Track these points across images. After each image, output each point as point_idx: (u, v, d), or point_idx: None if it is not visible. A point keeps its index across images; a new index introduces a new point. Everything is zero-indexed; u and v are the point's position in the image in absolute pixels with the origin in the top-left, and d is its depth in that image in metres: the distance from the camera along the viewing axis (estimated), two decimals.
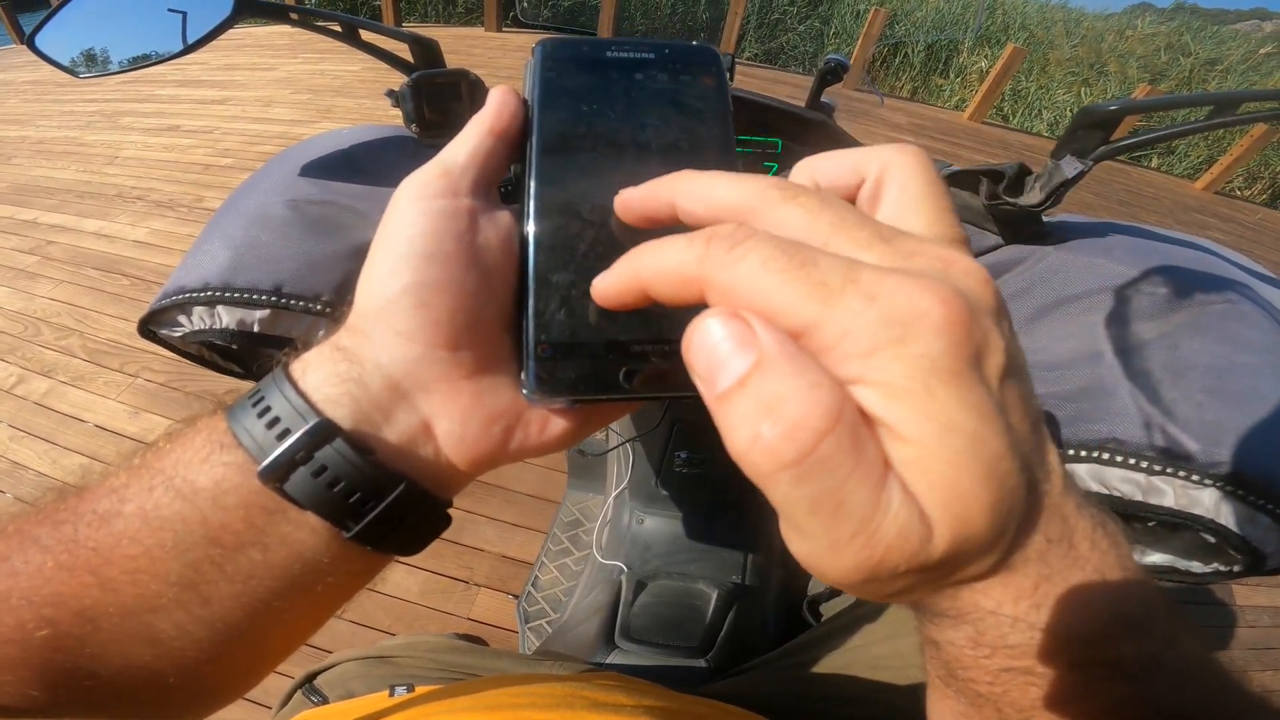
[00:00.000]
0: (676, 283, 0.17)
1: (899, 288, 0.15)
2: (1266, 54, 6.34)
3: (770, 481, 0.14)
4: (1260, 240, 3.52)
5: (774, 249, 0.15)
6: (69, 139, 3.07)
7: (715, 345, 0.15)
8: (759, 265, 0.15)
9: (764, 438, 0.14)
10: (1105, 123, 0.43)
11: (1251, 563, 0.38)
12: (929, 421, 0.14)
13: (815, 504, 0.14)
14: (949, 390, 0.14)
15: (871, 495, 0.14)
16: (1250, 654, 1.40)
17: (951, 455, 0.14)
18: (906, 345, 0.14)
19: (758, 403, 0.14)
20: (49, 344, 1.86)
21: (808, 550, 0.16)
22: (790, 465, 0.14)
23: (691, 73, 0.25)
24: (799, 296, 0.15)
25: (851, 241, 0.16)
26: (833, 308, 0.15)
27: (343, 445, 0.21)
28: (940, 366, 0.14)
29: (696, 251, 0.16)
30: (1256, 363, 0.39)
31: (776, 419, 0.14)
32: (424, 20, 5.44)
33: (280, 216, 0.46)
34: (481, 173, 0.24)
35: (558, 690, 0.37)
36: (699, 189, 0.19)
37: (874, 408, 0.15)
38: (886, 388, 0.14)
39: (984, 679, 0.18)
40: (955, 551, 0.15)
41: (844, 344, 0.15)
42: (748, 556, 0.92)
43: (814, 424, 0.14)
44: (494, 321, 0.23)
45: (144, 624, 0.22)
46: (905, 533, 0.14)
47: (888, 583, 0.15)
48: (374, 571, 0.25)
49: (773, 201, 0.17)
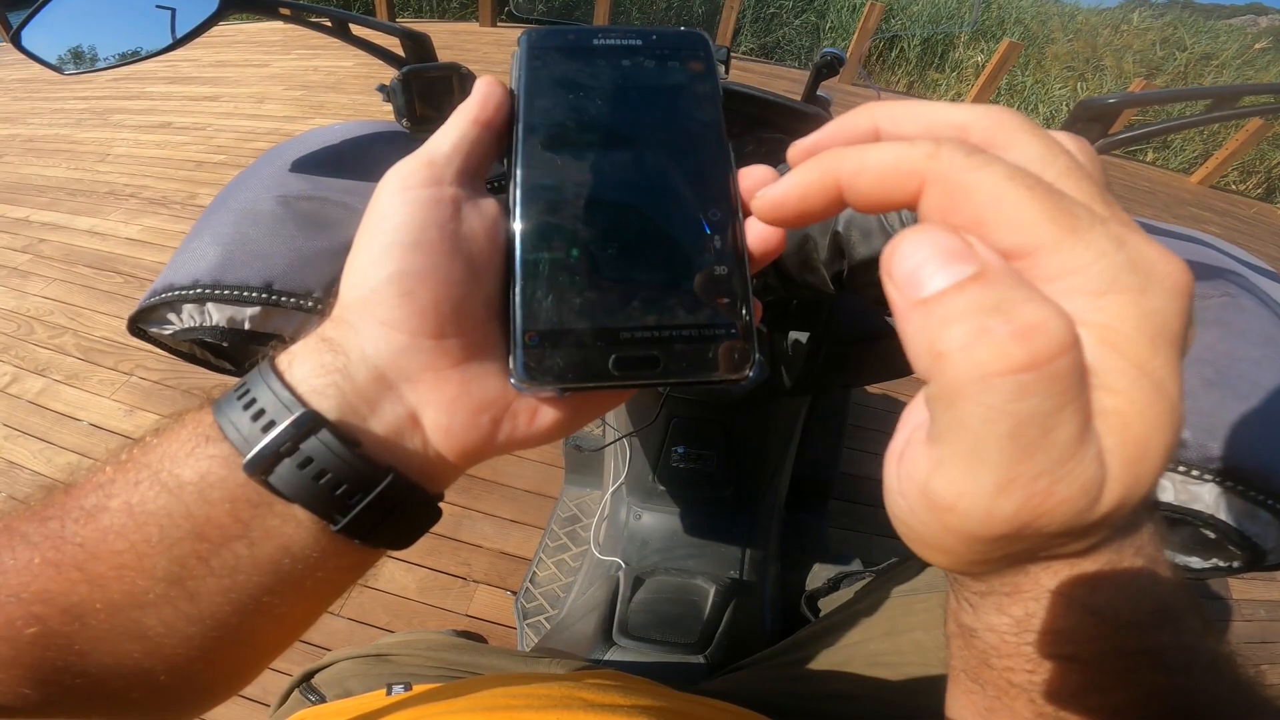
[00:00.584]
0: (890, 179, 0.16)
1: (1146, 243, 0.14)
2: (1261, 49, 6.35)
3: (982, 387, 0.13)
4: (1256, 234, 3.53)
5: (1017, 169, 0.14)
6: (60, 136, 3.04)
7: (928, 252, 0.14)
8: (1005, 175, 0.14)
9: (994, 333, 0.13)
10: (1103, 116, 0.43)
11: (1251, 558, 0.38)
12: (1144, 378, 0.13)
13: (1020, 427, 0.13)
14: (1170, 352, 0.14)
15: (1078, 436, 0.13)
16: (1247, 648, 1.40)
17: (1155, 417, 0.13)
18: (1146, 295, 0.13)
19: (984, 303, 0.13)
20: (42, 342, 1.84)
21: (968, 486, 0.14)
22: (1021, 369, 0.13)
23: (679, 58, 0.25)
24: (1043, 216, 0.14)
25: (1079, 191, 0.15)
26: (1078, 238, 0.14)
27: (328, 436, 0.21)
28: (1169, 328, 0.14)
29: (924, 148, 0.15)
30: (1256, 355, 0.39)
31: (1010, 318, 0.13)
32: (418, 15, 5.41)
33: (270, 213, 0.46)
34: (466, 162, 0.24)
35: (554, 691, 0.37)
36: (914, 110, 0.17)
37: (1085, 350, 0.13)
38: (1109, 333, 0.13)
39: (1023, 667, 0.18)
40: (1108, 518, 0.14)
41: (1076, 278, 0.14)
42: (745, 552, 0.92)
43: (1056, 332, 0.13)
44: (480, 310, 0.23)
45: (132, 620, 0.21)
46: (1087, 487, 0.13)
47: (1016, 543, 0.14)
48: (364, 566, 0.25)
49: (1010, 126, 0.16)
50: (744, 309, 0.22)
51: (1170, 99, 0.50)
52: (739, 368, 0.22)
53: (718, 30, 4.41)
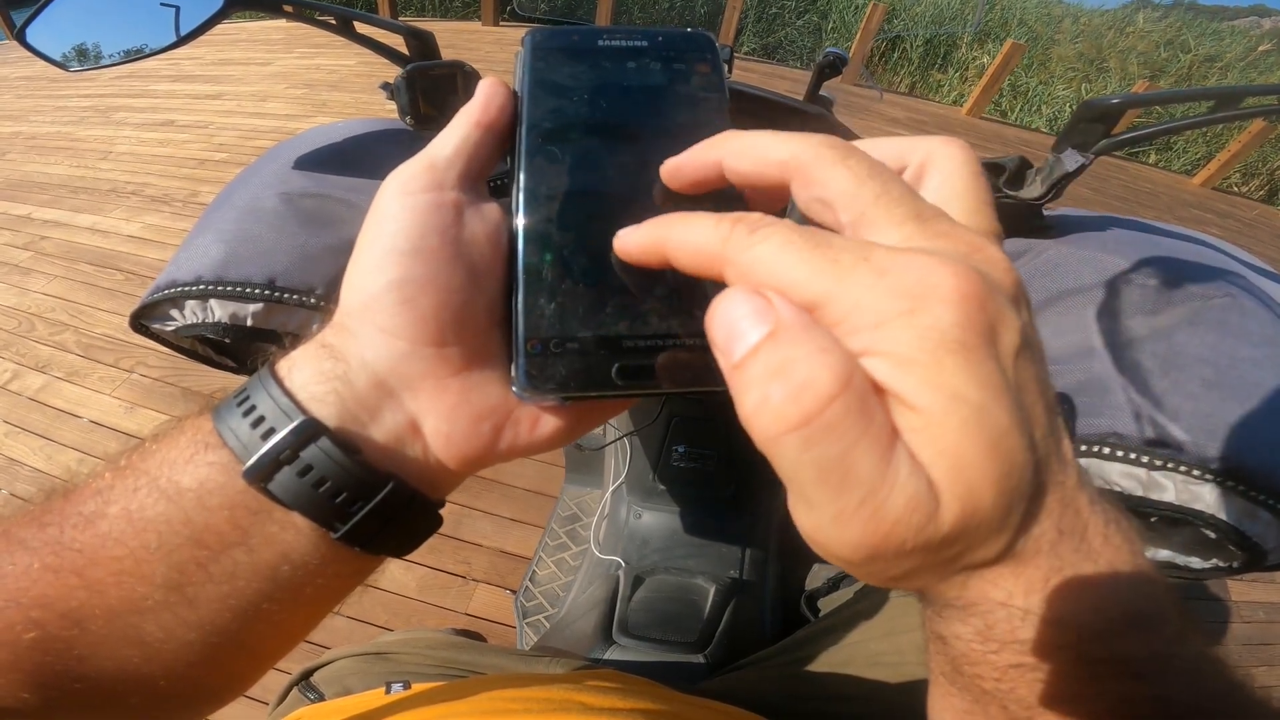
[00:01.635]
0: (698, 258, 0.18)
1: (910, 264, 0.15)
2: (1264, 51, 6.34)
3: (777, 445, 0.15)
4: (1257, 236, 3.53)
5: (792, 233, 0.16)
6: (62, 134, 3.05)
7: (735, 318, 0.16)
8: (777, 247, 0.16)
9: (771, 399, 0.14)
10: (1107, 116, 0.43)
11: (1251, 558, 0.38)
12: (935, 391, 0.14)
13: (822, 470, 0.14)
14: (956, 361, 0.14)
15: (880, 462, 0.14)
16: (1245, 650, 1.40)
17: (958, 424, 0.14)
18: (916, 316, 0.15)
19: (769, 367, 0.15)
20: (43, 339, 1.85)
21: (813, 522, 0.15)
22: (796, 427, 0.14)
23: (685, 60, 0.25)
24: (812, 272, 0.15)
25: (888, 215, 0.17)
26: (843, 282, 0.15)
27: (328, 444, 0.20)
28: (949, 338, 0.14)
29: (721, 232, 0.17)
30: (1257, 356, 0.39)
31: (785, 381, 0.14)
32: (421, 14, 5.41)
33: (274, 210, 0.46)
34: (468, 166, 0.23)
35: (553, 694, 0.37)
36: (747, 147, 0.19)
37: (883, 377, 0.15)
38: (895, 357, 0.15)
39: (991, 675, 0.18)
40: (963, 526, 0.15)
41: (854, 316, 0.15)
42: (745, 551, 0.92)
43: (821, 386, 0.14)
44: (482, 317, 0.23)
45: (131, 626, 0.21)
46: (913, 503, 0.14)
47: (894, 562, 0.15)
48: (364, 574, 0.24)
49: (824, 160, 0.18)
50: None
51: (1173, 100, 0.50)
52: None
53: (720, 30, 4.41)
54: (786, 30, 5.90)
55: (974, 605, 0.17)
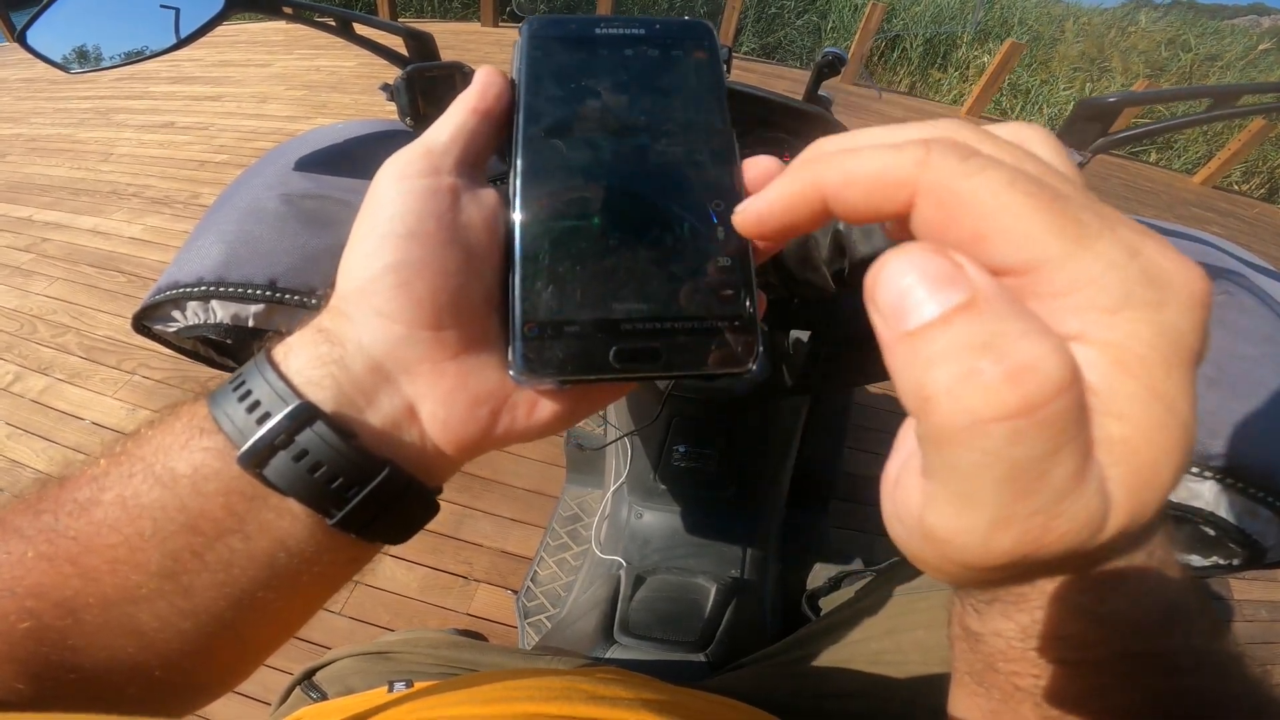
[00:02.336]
0: (877, 190, 0.14)
1: (1161, 250, 0.13)
2: (1264, 50, 6.33)
3: (970, 434, 0.12)
4: (1258, 235, 3.52)
5: (1019, 171, 0.13)
6: (63, 136, 3.05)
7: (914, 278, 0.13)
8: (1004, 181, 0.13)
9: (983, 375, 0.12)
10: (1104, 115, 0.43)
11: (1251, 556, 0.38)
12: (1156, 402, 0.12)
13: (1015, 471, 0.12)
14: (1183, 372, 0.12)
15: (1077, 473, 0.12)
16: (1248, 648, 1.39)
17: (1165, 442, 0.12)
18: (1162, 311, 0.12)
19: (971, 339, 0.12)
20: (45, 341, 1.85)
21: (964, 524, 0.13)
22: (1013, 415, 0.11)
23: (683, 48, 0.25)
24: (1048, 226, 0.12)
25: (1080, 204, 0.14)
26: (1086, 249, 0.12)
27: (324, 429, 0.20)
28: (1185, 345, 0.12)
29: (913, 154, 0.14)
30: (1256, 354, 0.39)
31: (1000, 357, 0.12)
32: (420, 15, 5.41)
33: (274, 211, 0.46)
34: (464, 152, 0.23)
35: (556, 684, 0.37)
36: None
37: (1094, 374, 0.12)
38: (1121, 353, 0.12)
39: (1029, 671, 0.17)
40: (1114, 542, 0.13)
41: (1086, 292, 0.12)
42: (746, 551, 0.92)
43: (1051, 372, 0.11)
44: (479, 301, 0.22)
45: (126, 615, 0.21)
46: (1088, 519, 0.12)
47: (1021, 572, 0.13)
48: (361, 562, 0.24)
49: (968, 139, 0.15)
50: (748, 301, 0.22)
51: (1169, 98, 0.50)
52: (742, 361, 0.22)
53: (719, 30, 4.41)
54: (786, 30, 5.89)
55: (1027, 600, 0.16)
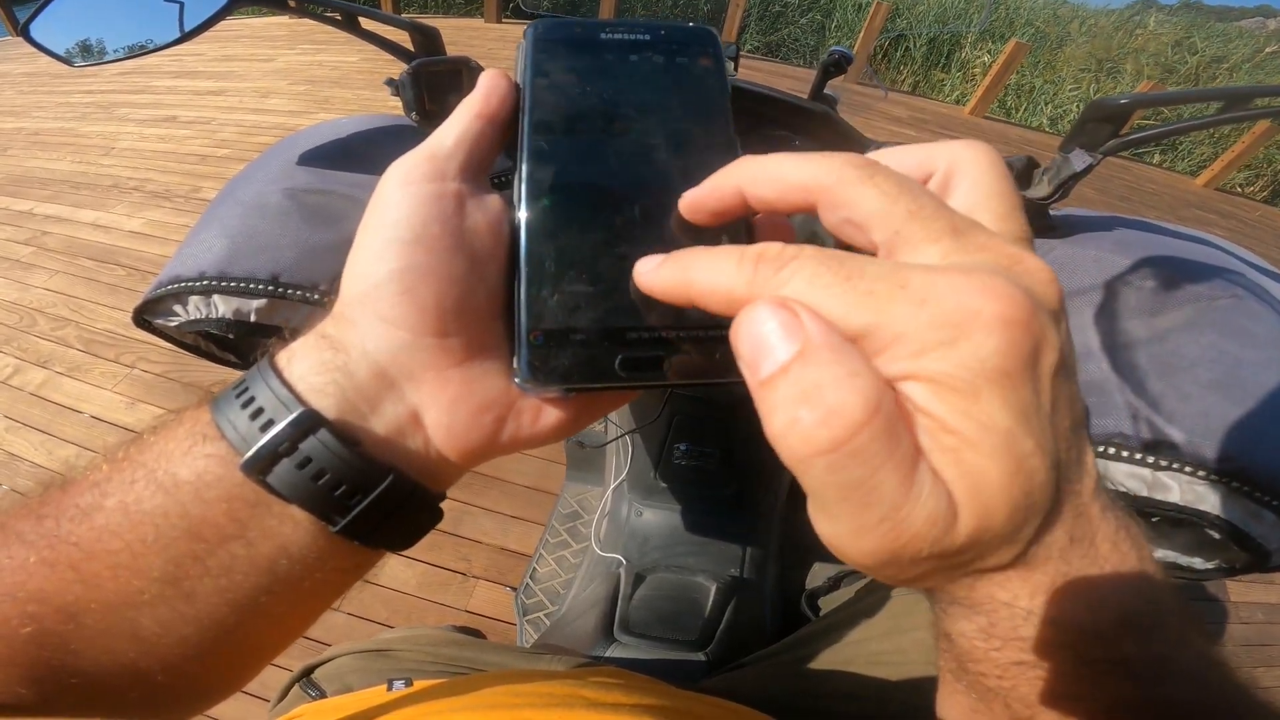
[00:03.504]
0: (725, 300, 0.17)
1: (951, 289, 0.15)
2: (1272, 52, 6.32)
3: (803, 466, 0.15)
4: (1260, 237, 3.52)
5: (819, 264, 0.16)
6: (65, 130, 3.04)
7: (763, 332, 0.15)
8: (806, 282, 0.16)
9: (801, 422, 0.14)
10: (1115, 116, 0.43)
11: (1254, 559, 0.38)
12: (970, 420, 0.15)
13: (846, 490, 0.15)
14: (994, 390, 0.15)
15: (902, 485, 0.14)
16: (1244, 651, 1.40)
17: (986, 449, 0.15)
18: (956, 346, 0.15)
19: (798, 389, 0.15)
20: (45, 334, 1.85)
21: (833, 532, 0.16)
22: (825, 452, 0.14)
23: (688, 54, 0.24)
24: (847, 306, 0.15)
25: (925, 231, 0.16)
26: (883, 314, 0.15)
27: (328, 436, 0.20)
28: (989, 366, 0.15)
29: (745, 274, 0.17)
30: (1261, 357, 0.39)
31: (814, 405, 0.14)
32: (423, 10, 5.40)
33: (277, 206, 0.46)
34: (469, 156, 0.23)
35: (556, 690, 0.37)
36: (768, 173, 0.19)
37: (921, 401, 0.15)
38: (934, 384, 0.15)
39: (994, 672, 0.18)
40: (975, 540, 0.15)
41: (896, 346, 0.15)
42: (746, 550, 0.92)
43: (851, 413, 0.14)
44: (484, 308, 0.22)
45: (127, 620, 0.21)
46: (931, 519, 0.15)
47: (907, 567, 0.16)
48: (364, 568, 0.24)
49: (849, 181, 0.17)
50: None
51: (1181, 100, 0.49)
52: None
53: (723, 28, 4.40)
54: (790, 29, 5.89)
55: (979, 604, 0.17)
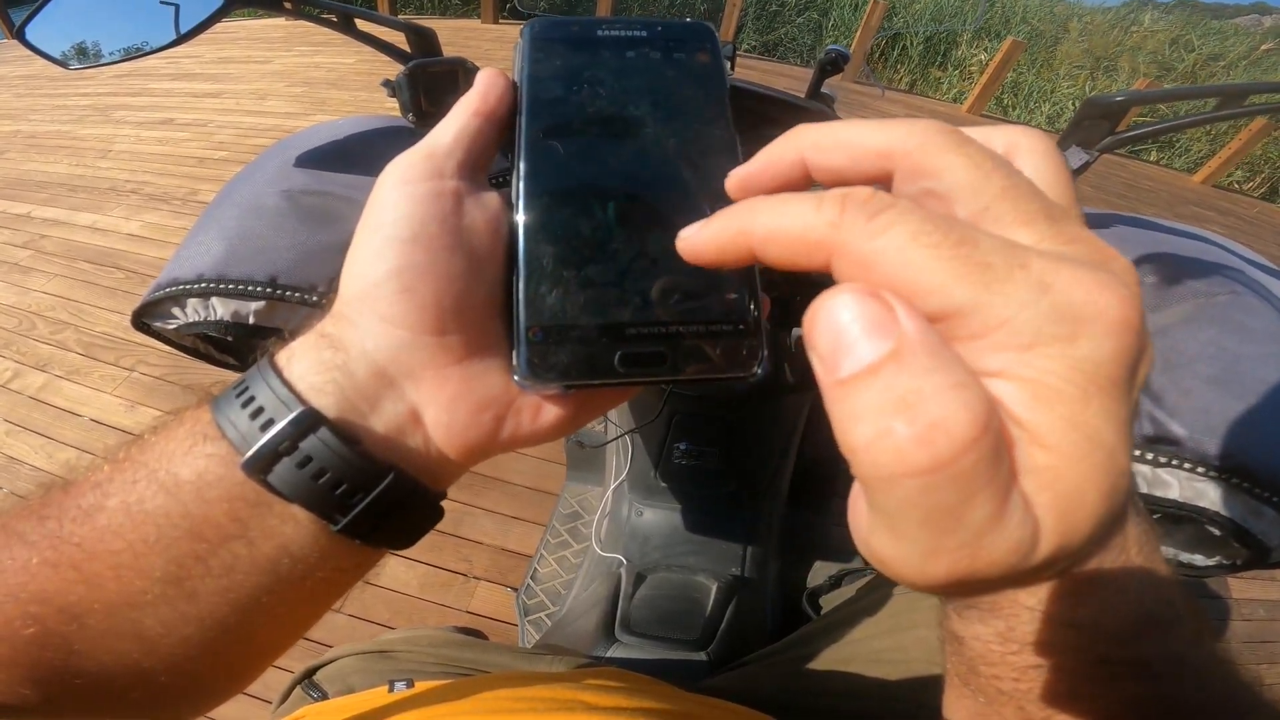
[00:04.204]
0: (798, 247, 0.15)
1: (1075, 280, 0.13)
2: (1267, 50, 6.32)
3: (887, 485, 0.13)
4: (1258, 234, 3.52)
5: (925, 220, 0.14)
6: (61, 133, 3.04)
7: (846, 324, 0.13)
8: (908, 237, 0.13)
9: (895, 435, 0.12)
10: (1111, 113, 0.43)
11: (1255, 555, 0.38)
12: (1075, 432, 0.13)
13: (932, 515, 0.13)
14: (1104, 400, 0.13)
15: (995, 512, 0.13)
16: (1245, 647, 1.40)
17: (1088, 468, 0.13)
18: (1074, 345, 0.13)
19: (891, 395, 0.12)
20: (44, 338, 1.84)
21: (897, 555, 0.14)
22: (921, 473, 0.12)
23: (685, 50, 0.24)
24: (954, 276, 0.13)
25: (1018, 212, 0.15)
26: (995, 293, 0.13)
27: (328, 435, 0.20)
28: (1103, 373, 0.13)
29: (828, 215, 0.14)
30: (1261, 353, 0.39)
31: (914, 416, 0.12)
32: (420, 12, 5.40)
33: (275, 207, 0.46)
34: (467, 155, 0.23)
35: (557, 694, 0.37)
36: (837, 137, 0.17)
37: (1017, 407, 0.13)
38: (1039, 388, 0.13)
39: (1009, 675, 0.18)
40: (1050, 562, 0.14)
41: (1000, 333, 0.13)
42: (747, 549, 0.92)
43: (959, 431, 0.12)
44: (483, 306, 0.22)
45: (130, 621, 0.21)
46: (1016, 548, 0.13)
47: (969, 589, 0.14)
48: (366, 567, 0.24)
49: (937, 147, 0.15)
50: (752, 304, 0.22)
51: (1177, 97, 0.50)
52: (747, 364, 0.21)
53: (720, 27, 4.41)
54: (787, 27, 5.88)
55: (1001, 609, 0.17)
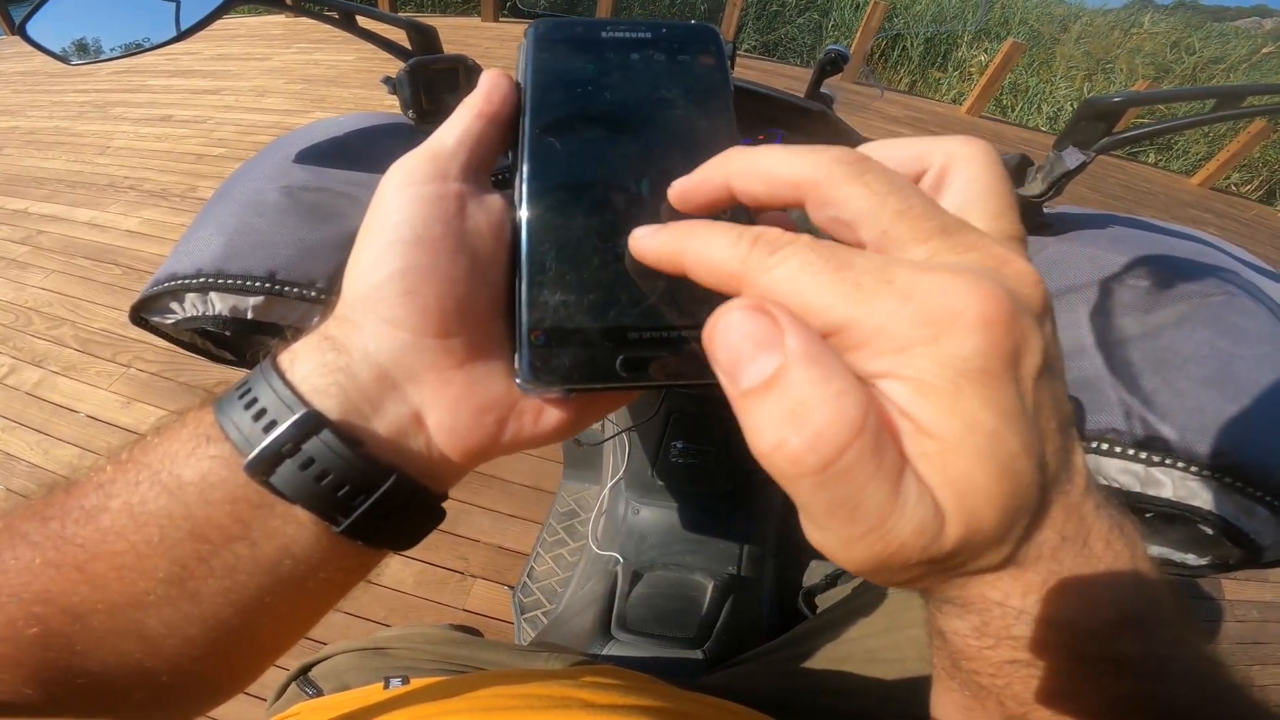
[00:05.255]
0: (716, 274, 0.17)
1: (936, 287, 0.15)
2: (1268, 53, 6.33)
3: (791, 484, 0.15)
4: (1255, 237, 3.53)
5: (813, 252, 0.16)
6: (60, 129, 3.04)
7: (740, 340, 0.15)
8: (796, 268, 0.16)
9: (788, 444, 0.14)
10: (1108, 114, 0.43)
11: (1248, 555, 0.38)
12: (952, 419, 0.15)
13: (833, 506, 0.15)
14: (976, 389, 0.15)
15: (888, 497, 0.15)
16: (1239, 649, 1.40)
17: (970, 451, 0.15)
18: (939, 344, 0.15)
19: (783, 408, 0.14)
20: (40, 334, 1.84)
21: (822, 542, 0.16)
22: (812, 473, 0.14)
23: (689, 52, 0.24)
24: (834, 297, 0.15)
25: (912, 231, 0.16)
26: (866, 306, 0.15)
27: (331, 437, 0.20)
28: (971, 366, 0.15)
29: (740, 251, 0.17)
30: (1255, 353, 0.39)
31: (800, 426, 0.14)
32: (420, 9, 5.39)
33: (274, 203, 0.46)
34: (471, 157, 0.23)
35: (553, 691, 0.37)
36: (757, 166, 0.19)
37: (902, 401, 0.15)
38: (916, 383, 0.15)
39: (987, 670, 0.18)
40: (964, 544, 0.15)
41: (877, 341, 0.15)
42: (743, 547, 0.92)
43: (838, 435, 0.14)
44: (485, 309, 0.22)
45: (133, 621, 0.21)
46: (919, 528, 0.15)
47: (898, 572, 0.16)
48: (367, 567, 0.24)
49: (837, 178, 0.17)
50: None
51: (1175, 98, 0.50)
52: None
53: (720, 27, 4.39)
54: (787, 28, 5.89)
55: (971, 604, 0.17)
